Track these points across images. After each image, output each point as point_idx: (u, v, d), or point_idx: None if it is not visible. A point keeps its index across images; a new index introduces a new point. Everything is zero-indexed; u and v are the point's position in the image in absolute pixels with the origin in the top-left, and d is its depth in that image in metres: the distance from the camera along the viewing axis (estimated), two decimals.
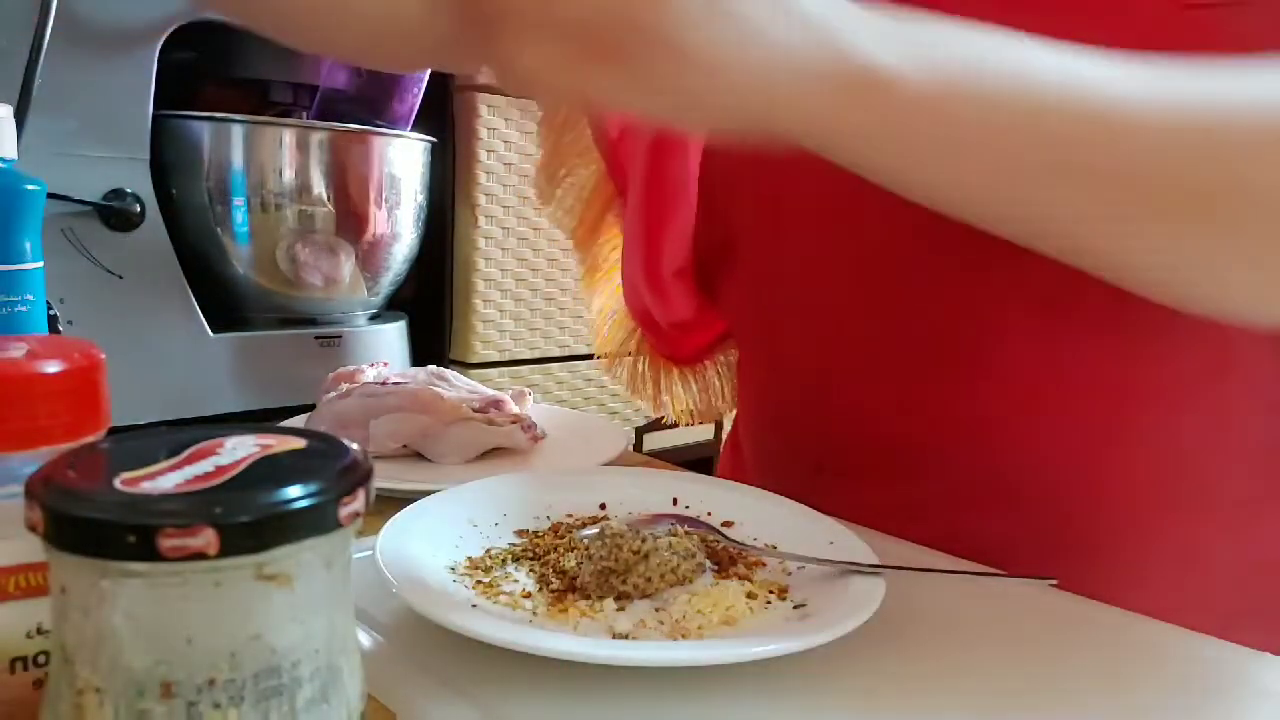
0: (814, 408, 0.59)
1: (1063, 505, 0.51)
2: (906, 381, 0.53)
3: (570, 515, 0.49)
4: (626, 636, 0.37)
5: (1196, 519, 0.50)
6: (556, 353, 1.07)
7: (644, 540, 0.41)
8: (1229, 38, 0.41)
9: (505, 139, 0.97)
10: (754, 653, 0.33)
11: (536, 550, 0.44)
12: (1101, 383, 0.49)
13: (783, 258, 0.57)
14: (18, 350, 0.28)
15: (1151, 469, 0.50)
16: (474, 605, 0.38)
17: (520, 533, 0.47)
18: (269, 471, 0.23)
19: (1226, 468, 0.50)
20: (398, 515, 0.43)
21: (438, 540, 0.43)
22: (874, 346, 0.54)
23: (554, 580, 0.41)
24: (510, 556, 0.44)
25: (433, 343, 1.00)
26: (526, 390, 0.70)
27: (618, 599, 0.40)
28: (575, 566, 0.42)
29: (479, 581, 0.41)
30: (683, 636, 0.37)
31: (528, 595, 0.40)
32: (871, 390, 0.55)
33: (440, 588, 0.39)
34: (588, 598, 0.40)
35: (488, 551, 0.44)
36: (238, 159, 0.75)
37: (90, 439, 0.28)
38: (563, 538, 0.45)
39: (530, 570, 0.43)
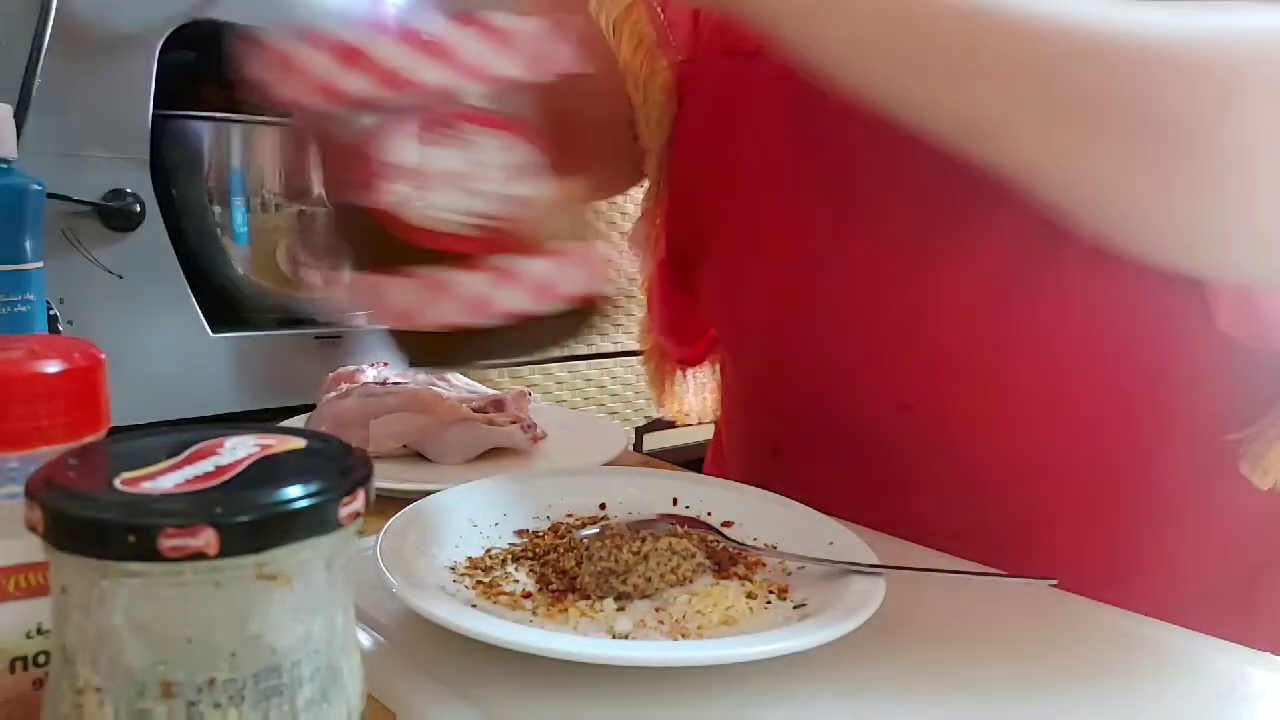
0: (770, 394, 0.60)
1: (994, 490, 0.52)
2: (844, 367, 0.55)
3: (570, 515, 0.49)
4: (626, 636, 0.37)
5: (1136, 505, 0.51)
6: (556, 352, 1.07)
7: (644, 540, 0.41)
8: None
9: None
10: (754, 652, 0.33)
11: (536, 550, 0.44)
12: (1042, 361, 0.49)
13: (743, 246, 0.59)
14: (18, 350, 0.28)
15: (1081, 457, 0.51)
16: (474, 605, 0.38)
17: (520, 533, 0.47)
18: (269, 471, 0.23)
19: (1163, 452, 0.50)
20: (398, 515, 0.43)
21: (438, 540, 0.43)
22: (815, 333, 0.55)
23: (554, 580, 0.41)
24: (510, 556, 0.44)
25: None
26: (526, 390, 0.70)
27: (618, 599, 0.40)
28: (575, 566, 0.42)
29: (479, 581, 0.41)
30: (683, 636, 0.37)
31: (528, 595, 0.40)
32: (815, 376, 0.56)
33: (440, 588, 0.39)
34: (587, 598, 0.40)
35: (488, 551, 0.44)
36: (238, 159, 0.75)
37: (90, 439, 0.28)
38: (563, 538, 0.45)
39: (530, 570, 0.43)
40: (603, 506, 0.50)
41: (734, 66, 0.56)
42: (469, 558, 0.43)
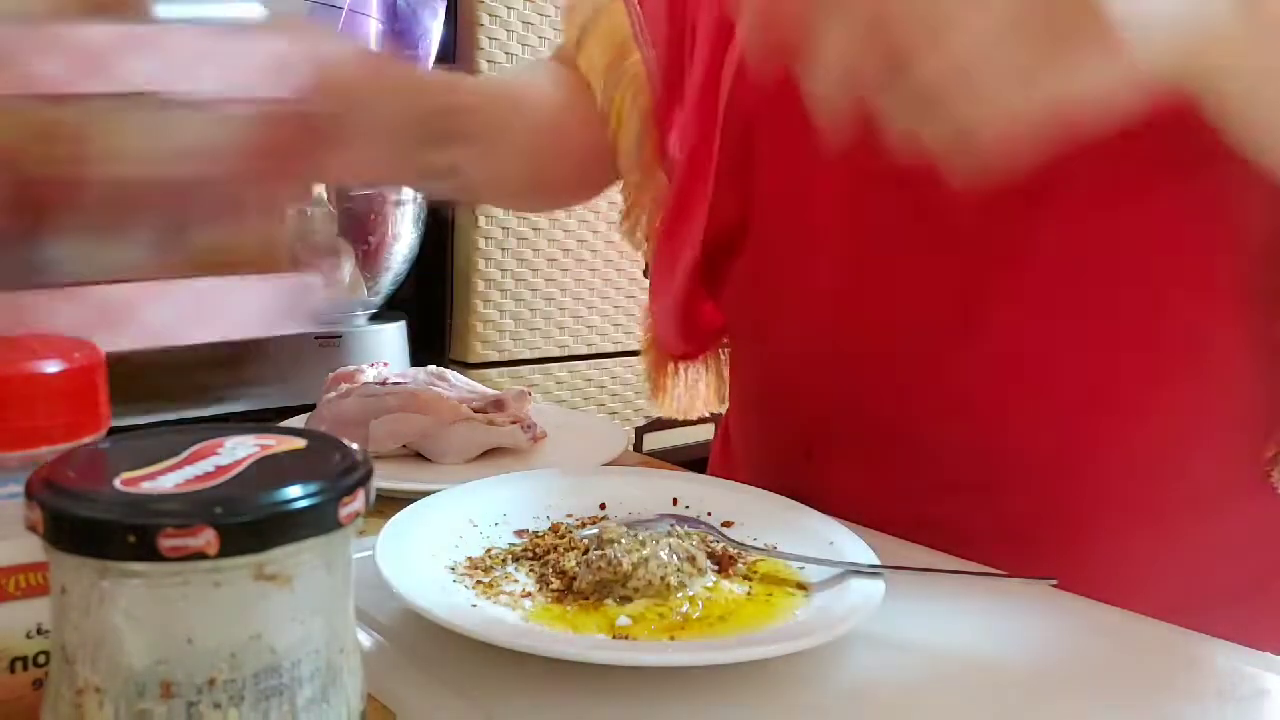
0: (805, 395, 0.60)
1: (1039, 491, 0.52)
2: (892, 367, 0.54)
3: (570, 515, 0.49)
4: (626, 636, 0.37)
5: (1170, 505, 0.51)
6: (556, 353, 1.07)
7: (643, 544, 0.41)
8: None
9: None
10: (754, 653, 0.33)
11: (536, 550, 0.44)
12: (1082, 369, 0.50)
13: (783, 244, 0.58)
14: (17, 350, 0.28)
15: (1127, 457, 0.51)
16: (474, 605, 0.38)
17: (520, 533, 0.47)
18: (269, 471, 0.23)
19: (1200, 454, 0.51)
20: (398, 515, 0.43)
21: (438, 540, 0.43)
22: (863, 333, 0.55)
23: (554, 580, 0.41)
24: (510, 556, 0.44)
25: (433, 343, 1.00)
26: (527, 390, 0.70)
27: (618, 601, 0.40)
28: (574, 568, 0.42)
29: (479, 581, 0.41)
30: (683, 636, 0.37)
31: (528, 595, 0.40)
32: (859, 376, 0.56)
33: (440, 588, 0.39)
34: (587, 597, 0.40)
35: (488, 551, 0.44)
36: None
37: (90, 439, 0.28)
38: (563, 538, 0.45)
39: (530, 570, 0.43)
40: (603, 506, 0.50)
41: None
42: (469, 558, 0.43)
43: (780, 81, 0.54)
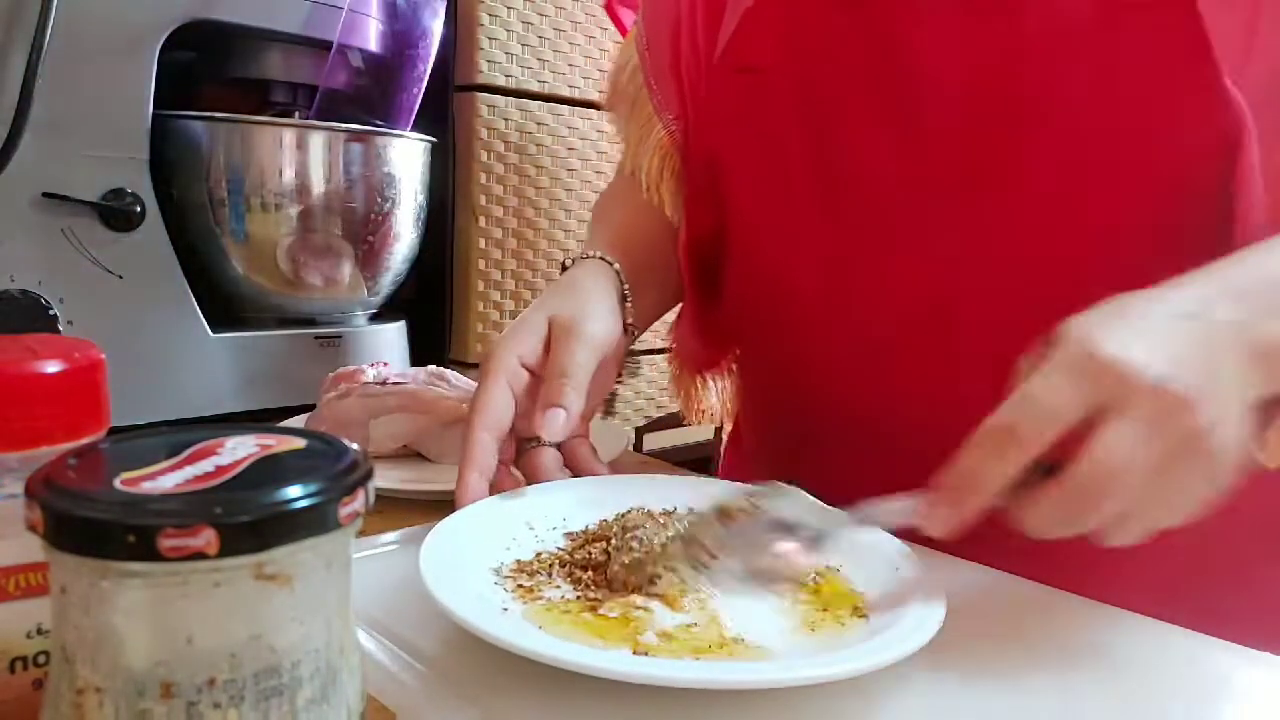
0: (793, 386, 0.62)
1: None
2: (875, 363, 0.56)
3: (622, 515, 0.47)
4: (647, 654, 0.36)
5: None
6: None
7: (666, 526, 0.40)
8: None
9: (505, 139, 0.97)
10: (754, 677, 0.33)
11: (575, 554, 0.43)
12: None
13: (765, 252, 0.60)
14: (17, 350, 0.28)
15: None
16: (505, 609, 0.38)
17: (569, 535, 0.46)
18: (269, 471, 0.23)
19: None
20: (449, 518, 0.43)
21: (487, 541, 0.43)
22: (842, 326, 0.57)
23: (592, 588, 0.40)
24: (558, 562, 0.43)
25: (433, 343, 1.00)
26: None
27: (649, 582, 0.39)
28: (602, 556, 0.41)
29: (520, 585, 0.40)
30: (706, 656, 0.36)
31: (565, 601, 0.39)
32: (841, 366, 0.58)
33: (476, 593, 0.38)
34: (635, 590, 0.39)
35: (538, 555, 0.43)
36: (238, 159, 0.75)
37: (90, 439, 0.28)
38: (597, 536, 0.45)
39: (569, 574, 0.42)
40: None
41: (749, 82, 0.58)
42: (518, 560, 0.43)
43: (739, 114, 0.58)
